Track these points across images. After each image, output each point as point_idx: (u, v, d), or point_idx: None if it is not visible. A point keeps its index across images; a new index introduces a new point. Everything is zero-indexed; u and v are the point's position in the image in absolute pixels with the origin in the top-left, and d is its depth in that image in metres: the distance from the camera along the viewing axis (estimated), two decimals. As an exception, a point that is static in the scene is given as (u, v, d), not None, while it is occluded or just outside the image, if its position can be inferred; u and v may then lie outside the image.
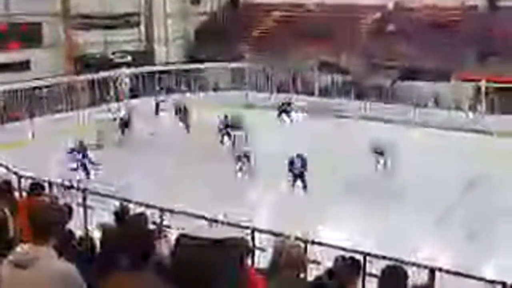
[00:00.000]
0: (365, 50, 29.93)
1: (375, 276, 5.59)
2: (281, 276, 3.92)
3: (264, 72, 31.00)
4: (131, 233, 3.76)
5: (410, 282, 4.12)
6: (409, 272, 4.53)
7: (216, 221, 9.09)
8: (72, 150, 17.70)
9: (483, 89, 27.41)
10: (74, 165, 17.34)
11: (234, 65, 31.20)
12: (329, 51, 29.99)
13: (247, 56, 31.82)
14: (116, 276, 3.23)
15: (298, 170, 16.30)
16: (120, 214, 6.68)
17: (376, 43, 30.02)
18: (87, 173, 17.52)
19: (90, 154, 18.01)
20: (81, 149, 17.82)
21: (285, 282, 3.77)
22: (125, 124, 23.83)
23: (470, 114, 26.38)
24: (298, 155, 16.48)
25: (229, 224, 8.13)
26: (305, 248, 5.90)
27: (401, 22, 30.37)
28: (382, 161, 18.43)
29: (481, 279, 6.50)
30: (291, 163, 16.40)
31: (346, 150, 19.11)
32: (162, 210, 9.43)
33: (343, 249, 6.57)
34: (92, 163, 17.69)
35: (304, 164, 16.35)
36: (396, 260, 5.75)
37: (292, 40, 30.49)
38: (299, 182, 16.39)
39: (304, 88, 30.43)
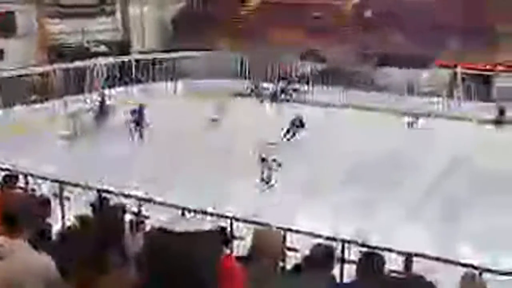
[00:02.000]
0: (344, 37, 29.96)
1: (354, 262, 5.61)
2: (259, 264, 3.91)
3: (243, 60, 30.90)
4: (105, 224, 3.72)
5: (387, 268, 4.15)
6: (386, 258, 4.56)
7: (195, 211, 9.05)
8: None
9: (459, 75, 27.70)
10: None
11: (212, 53, 31.01)
12: (308, 39, 30.00)
13: (225, 44, 31.66)
14: (86, 270, 3.18)
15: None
16: (97, 206, 6.64)
17: (355, 30, 30.06)
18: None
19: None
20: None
21: (263, 270, 3.76)
22: (101, 114, 23.60)
23: (448, 101, 26.61)
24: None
25: (208, 213, 8.11)
26: (284, 236, 5.90)
27: (379, 7, 30.40)
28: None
29: (458, 263, 6.56)
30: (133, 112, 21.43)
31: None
32: (140, 200, 9.36)
33: (321, 236, 6.60)
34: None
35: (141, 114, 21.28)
36: (374, 247, 5.78)
37: (271, 27, 30.40)
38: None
39: (284, 76, 30.41)
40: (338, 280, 5.47)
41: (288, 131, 21.36)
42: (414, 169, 17.06)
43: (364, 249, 5.26)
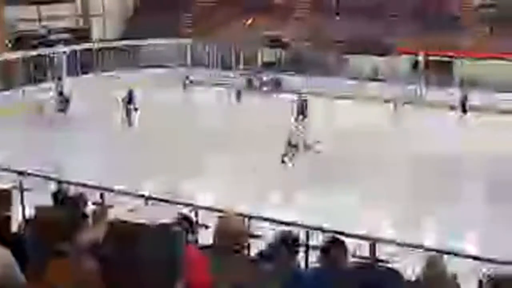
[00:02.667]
0: (309, 24, 30.01)
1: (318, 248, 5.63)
2: (223, 252, 3.87)
3: (206, 48, 30.71)
4: (65, 214, 3.63)
5: (352, 254, 4.16)
6: (352, 245, 4.58)
7: (160, 199, 8.96)
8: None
9: (421, 62, 28.07)
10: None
11: (174, 41, 30.73)
12: (272, 26, 29.97)
13: (188, 31, 31.39)
14: (47, 263, 3.11)
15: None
16: (58, 196, 6.48)
17: (319, 17, 30.12)
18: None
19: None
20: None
21: (227, 258, 3.73)
22: (64, 103, 23.19)
23: (411, 87, 26.92)
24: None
25: (172, 202, 8.04)
26: (248, 223, 5.88)
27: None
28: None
29: (422, 247, 6.64)
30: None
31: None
32: (102, 190, 9.21)
33: (285, 223, 6.61)
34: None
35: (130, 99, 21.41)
36: (339, 232, 5.81)
37: (234, 14, 30.25)
38: None
39: (247, 64, 30.36)
40: (303, 266, 5.49)
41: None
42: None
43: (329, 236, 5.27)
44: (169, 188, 12.11)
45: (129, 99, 21.63)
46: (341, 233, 5.67)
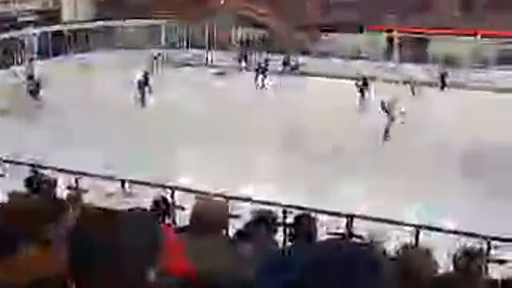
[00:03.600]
0: (285, 5, 29.83)
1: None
2: (200, 234, 3.84)
3: (179, 28, 30.39)
4: (39, 200, 3.57)
5: (325, 230, 4.16)
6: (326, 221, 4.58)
7: (136, 182, 8.90)
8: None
9: (396, 39, 28.18)
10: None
11: (146, 22, 30.33)
12: (247, 6, 29.73)
13: (160, 12, 30.98)
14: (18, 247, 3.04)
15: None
16: (32, 181, 6.40)
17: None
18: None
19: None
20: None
21: (204, 240, 3.70)
22: (35, 87, 22.73)
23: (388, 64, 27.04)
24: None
25: (148, 184, 7.98)
26: (227, 204, 5.85)
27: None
28: None
29: (393, 222, 6.71)
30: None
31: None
32: (76, 174, 9.12)
33: (263, 202, 6.61)
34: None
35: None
36: (313, 210, 5.83)
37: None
38: None
39: (221, 44, 30.14)
40: (281, 245, 5.49)
41: None
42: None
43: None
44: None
45: (145, 81, 22.34)
46: (317, 211, 5.68)
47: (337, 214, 6.63)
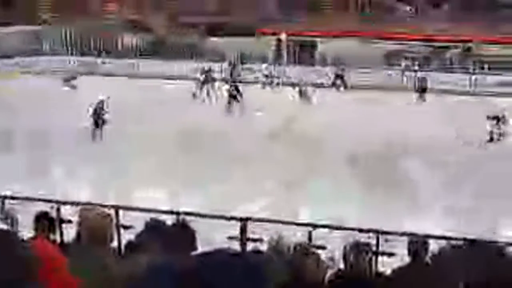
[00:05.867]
0: (169, 6, 29.59)
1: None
2: (86, 248, 3.66)
3: (64, 34, 29.31)
4: None
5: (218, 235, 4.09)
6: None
7: (17, 198, 8.38)
8: None
9: (284, 42, 28.78)
10: None
11: (29, 28, 28.99)
12: (131, 9, 29.26)
13: (44, 18, 29.76)
14: None
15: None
16: None
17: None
18: None
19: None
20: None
21: (90, 254, 3.53)
22: None
23: (275, 67, 27.47)
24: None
25: (31, 199, 7.53)
26: (110, 215, 5.62)
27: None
28: None
29: (287, 222, 6.78)
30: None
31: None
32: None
33: (158, 211, 6.44)
34: None
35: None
36: (213, 216, 5.74)
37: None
38: None
39: (108, 49, 29.38)
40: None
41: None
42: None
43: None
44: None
45: (100, 109, 17.97)
46: (211, 216, 5.61)
47: (232, 218, 6.60)
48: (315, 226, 6.67)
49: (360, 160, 13.99)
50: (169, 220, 4.79)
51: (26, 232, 4.70)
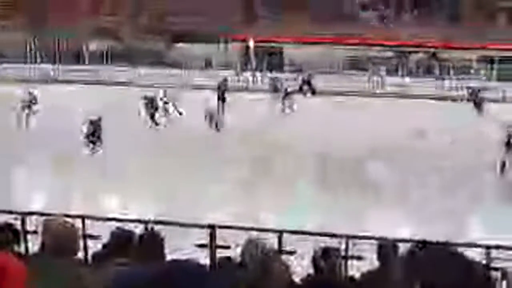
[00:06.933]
0: (134, 13, 29.41)
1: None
2: (50, 259, 3.58)
3: (24, 41, 28.86)
4: None
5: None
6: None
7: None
8: None
9: (252, 49, 28.85)
10: None
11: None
12: (98, 15, 29.01)
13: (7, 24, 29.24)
14: None
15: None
16: None
17: (145, 5, 29.61)
18: None
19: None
20: None
21: (54, 266, 3.44)
22: None
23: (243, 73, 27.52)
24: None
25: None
26: (74, 225, 5.53)
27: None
28: None
29: (255, 228, 6.76)
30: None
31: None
32: None
33: (125, 220, 6.36)
34: None
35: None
36: (178, 224, 5.69)
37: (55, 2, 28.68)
38: None
39: (72, 56, 29.04)
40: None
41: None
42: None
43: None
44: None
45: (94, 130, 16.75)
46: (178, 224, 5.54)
47: (198, 226, 6.55)
48: (281, 232, 6.66)
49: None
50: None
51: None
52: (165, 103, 20.19)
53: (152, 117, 19.51)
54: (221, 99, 21.81)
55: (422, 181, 13.41)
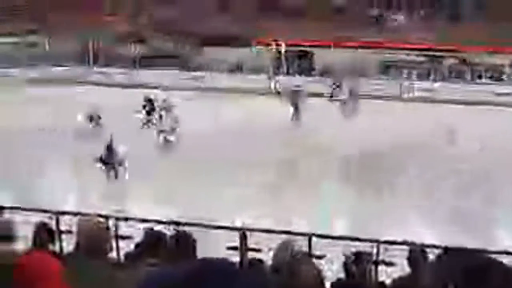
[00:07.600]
0: (162, 17, 29.57)
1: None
2: (84, 259, 3.64)
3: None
4: None
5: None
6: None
7: (17, 208, 8.37)
8: None
9: (283, 53, 28.78)
10: None
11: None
12: (125, 20, 29.32)
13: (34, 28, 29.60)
14: None
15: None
16: None
17: (169, 9, 29.62)
18: None
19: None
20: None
21: (87, 265, 3.50)
22: None
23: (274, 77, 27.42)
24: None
25: (27, 210, 7.51)
26: (107, 225, 5.60)
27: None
28: None
29: (285, 232, 6.76)
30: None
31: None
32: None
33: (153, 221, 6.42)
34: None
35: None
36: (204, 225, 5.73)
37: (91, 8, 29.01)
38: None
39: (107, 60, 29.36)
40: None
41: None
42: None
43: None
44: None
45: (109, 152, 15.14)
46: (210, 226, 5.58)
47: (230, 228, 6.58)
48: (311, 236, 6.64)
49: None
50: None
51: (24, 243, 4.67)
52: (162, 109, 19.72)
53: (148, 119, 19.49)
54: (295, 107, 21.70)
55: (451, 186, 13.29)
